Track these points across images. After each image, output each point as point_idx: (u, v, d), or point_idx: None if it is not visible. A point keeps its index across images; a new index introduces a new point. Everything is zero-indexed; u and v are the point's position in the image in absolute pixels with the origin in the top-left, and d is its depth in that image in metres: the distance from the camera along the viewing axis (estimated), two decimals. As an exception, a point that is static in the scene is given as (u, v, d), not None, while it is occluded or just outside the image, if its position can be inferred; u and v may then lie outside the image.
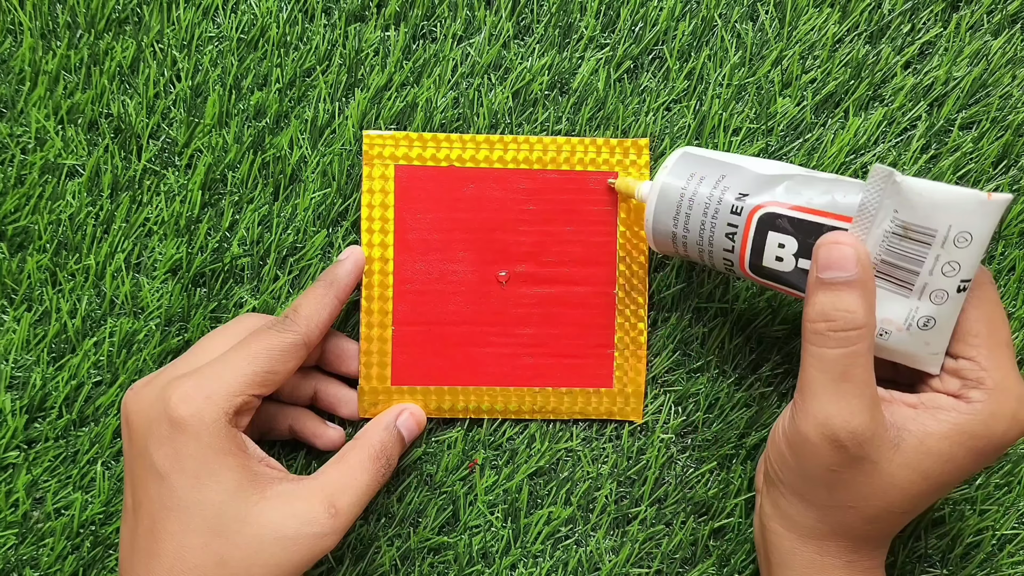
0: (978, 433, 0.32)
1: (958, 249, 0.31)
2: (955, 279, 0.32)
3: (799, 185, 0.34)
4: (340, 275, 0.40)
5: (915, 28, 0.44)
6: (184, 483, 0.34)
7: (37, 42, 0.42)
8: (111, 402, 0.42)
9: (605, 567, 0.43)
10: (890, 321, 0.33)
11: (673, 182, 0.37)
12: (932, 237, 0.31)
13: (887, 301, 0.33)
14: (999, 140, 0.44)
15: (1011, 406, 0.32)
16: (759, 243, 0.35)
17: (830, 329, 0.33)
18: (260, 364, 0.36)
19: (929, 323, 0.33)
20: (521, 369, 0.43)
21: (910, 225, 0.32)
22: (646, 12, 0.44)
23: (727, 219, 0.36)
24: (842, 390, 0.33)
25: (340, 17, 0.43)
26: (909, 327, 0.33)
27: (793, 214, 0.34)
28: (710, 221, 0.36)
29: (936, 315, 0.33)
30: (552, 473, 0.44)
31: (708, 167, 0.37)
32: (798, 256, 0.34)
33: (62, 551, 0.42)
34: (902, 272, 0.33)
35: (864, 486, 0.34)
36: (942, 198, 0.31)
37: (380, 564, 0.43)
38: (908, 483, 0.33)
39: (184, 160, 0.43)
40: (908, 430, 0.33)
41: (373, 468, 0.38)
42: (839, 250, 0.32)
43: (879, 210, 0.32)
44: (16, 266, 0.42)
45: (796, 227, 0.34)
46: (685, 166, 0.37)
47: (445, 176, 0.42)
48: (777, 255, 0.35)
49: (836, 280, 0.32)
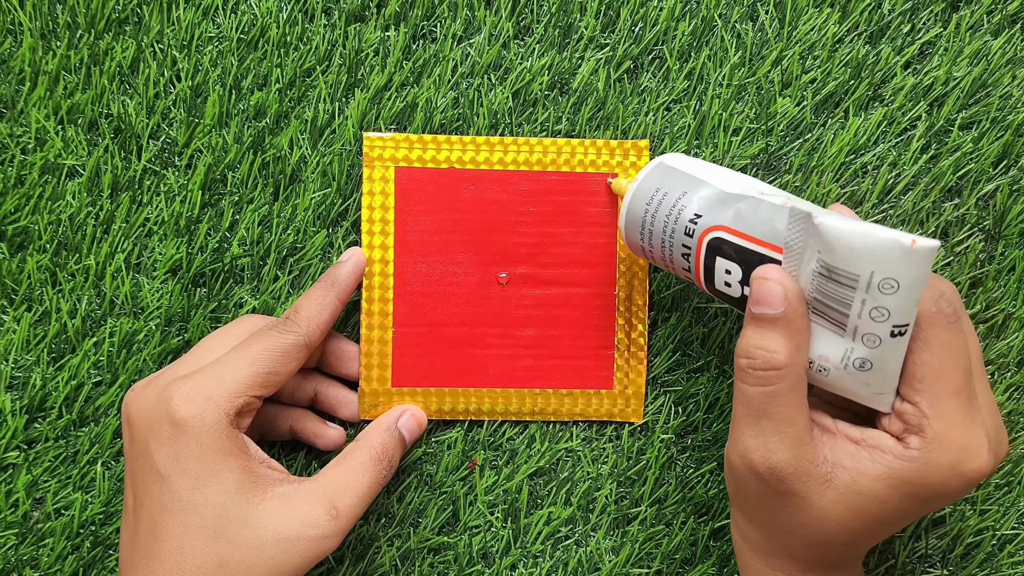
0: (913, 480, 0.31)
1: (884, 295, 0.29)
2: (886, 324, 0.30)
3: (749, 210, 0.33)
4: (341, 276, 0.40)
5: (915, 28, 0.44)
6: (185, 484, 0.34)
7: (37, 42, 0.42)
8: (111, 402, 0.42)
9: (605, 567, 0.43)
10: (827, 359, 0.32)
11: (640, 195, 0.37)
12: (856, 281, 0.30)
13: (824, 338, 0.32)
14: (999, 140, 0.44)
15: (950, 457, 0.31)
16: (709, 266, 0.35)
17: (750, 367, 0.32)
18: (261, 365, 0.36)
19: (865, 365, 0.31)
20: (521, 371, 0.43)
21: (832, 268, 0.30)
22: (646, 12, 0.43)
23: (682, 240, 0.35)
24: (761, 426, 0.32)
25: (340, 17, 0.43)
26: (846, 367, 0.32)
27: (737, 241, 0.33)
28: (668, 239, 0.36)
29: (871, 358, 0.31)
30: (552, 473, 0.44)
31: (674, 182, 0.36)
32: (743, 284, 0.34)
33: (62, 551, 0.42)
34: (834, 312, 0.31)
35: (795, 516, 0.33)
36: (860, 243, 0.29)
37: (380, 564, 0.43)
38: (842, 518, 0.32)
39: (184, 160, 0.43)
40: (843, 467, 0.32)
41: (374, 469, 0.38)
42: (767, 286, 0.32)
43: (805, 249, 0.31)
44: (16, 266, 0.42)
45: (739, 254, 0.33)
46: (653, 180, 0.37)
47: (445, 178, 0.42)
48: (726, 280, 0.34)
49: (764, 316, 0.32)
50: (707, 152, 0.43)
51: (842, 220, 0.30)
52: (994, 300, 0.44)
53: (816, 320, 0.32)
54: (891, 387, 0.32)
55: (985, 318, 0.44)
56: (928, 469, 0.31)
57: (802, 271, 0.32)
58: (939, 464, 0.31)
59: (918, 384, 0.31)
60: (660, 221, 0.36)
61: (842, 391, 0.33)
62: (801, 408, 0.32)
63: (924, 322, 0.31)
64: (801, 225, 0.31)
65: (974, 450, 0.31)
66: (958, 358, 0.31)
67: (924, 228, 0.44)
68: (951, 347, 0.31)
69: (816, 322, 0.32)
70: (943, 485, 0.31)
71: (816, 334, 0.32)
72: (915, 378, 0.31)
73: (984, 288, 0.44)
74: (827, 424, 0.33)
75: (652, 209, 0.36)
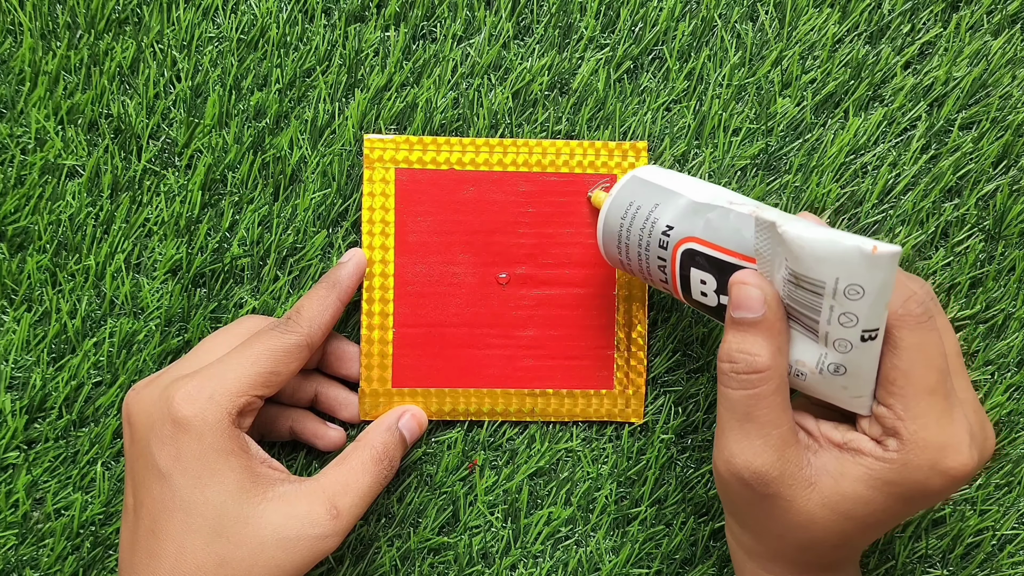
0: (895, 481, 0.31)
1: (851, 301, 0.30)
2: (855, 330, 0.30)
3: (719, 219, 0.34)
4: (342, 277, 0.40)
5: (915, 28, 0.44)
6: (186, 483, 0.34)
7: (37, 42, 0.42)
8: (111, 402, 0.42)
9: (605, 567, 0.43)
10: (803, 363, 0.33)
11: (615, 210, 0.37)
12: (822, 288, 0.30)
13: (800, 343, 0.32)
14: (999, 140, 0.44)
15: (928, 456, 0.31)
16: (685, 276, 0.35)
17: (733, 371, 0.32)
18: (263, 365, 0.36)
19: (839, 369, 0.32)
20: (521, 371, 0.43)
21: (799, 276, 0.30)
22: (646, 12, 0.43)
23: (657, 252, 0.36)
24: (746, 430, 0.32)
25: (340, 17, 0.43)
26: (821, 371, 0.32)
27: (709, 252, 0.34)
28: (644, 252, 0.36)
29: (844, 363, 0.31)
30: (552, 473, 0.44)
31: (647, 195, 0.36)
32: (719, 293, 0.34)
33: (62, 551, 0.42)
34: (806, 319, 0.32)
35: (782, 520, 0.33)
36: (823, 251, 0.29)
37: (380, 564, 0.43)
38: (829, 521, 0.32)
39: (184, 160, 0.43)
40: (827, 471, 0.32)
41: (375, 470, 0.38)
42: (746, 290, 0.32)
43: (774, 256, 0.31)
44: (16, 266, 0.42)
45: (712, 265, 0.34)
46: (627, 194, 0.37)
47: (445, 179, 0.42)
48: (702, 291, 0.35)
49: (744, 320, 0.32)
50: (707, 152, 0.43)
51: (806, 228, 0.30)
52: (994, 300, 0.44)
53: (792, 325, 0.33)
54: (868, 390, 0.32)
55: (985, 318, 0.44)
56: (908, 470, 0.31)
57: (775, 278, 0.32)
58: (918, 464, 0.31)
59: (891, 387, 0.31)
60: (635, 234, 0.36)
61: (820, 395, 0.33)
62: (785, 410, 0.32)
63: (893, 325, 0.31)
64: (767, 233, 0.31)
65: (954, 447, 0.31)
66: (931, 358, 0.31)
67: (924, 228, 0.44)
68: (921, 348, 0.31)
69: (792, 327, 0.33)
70: (924, 484, 0.31)
71: (793, 340, 0.33)
72: (888, 381, 0.31)
73: (984, 288, 0.44)
74: (810, 427, 0.34)
75: (627, 222, 0.37)
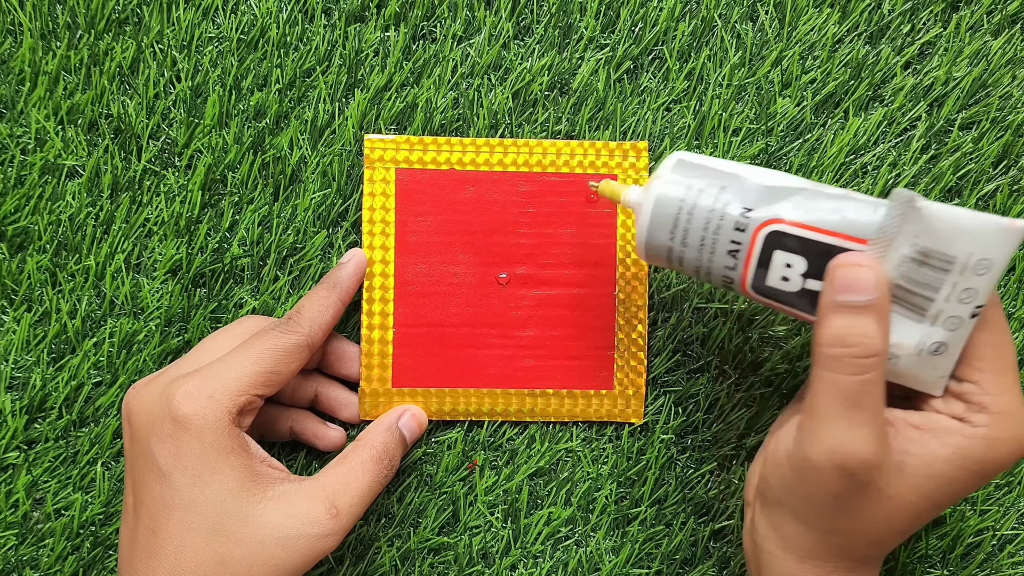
0: (980, 457, 0.32)
1: (977, 276, 0.31)
2: (970, 306, 0.31)
3: (808, 200, 0.33)
4: (343, 277, 0.40)
5: (915, 28, 0.44)
6: (186, 482, 0.34)
7: (37, 42, 0.42)
8: (111, 402, 0.42)
9: (605, 568, 0.43)
10: (901, 346, 0.32)
11: (670, 193, 0.34)
12: (952, 264, 0.31)
13: (899, 326, 0.32)
14: (999, 140, 0.44)
15: (1013, 430, 0.32)
16: (764, 261, 0.33)
17: (847, 355, 0.31)
18: (264, 364, 0.36)
19: (940, 349, 0.32)
20: (521, 371, 0.43)
21: (930, 251, 0.31)
22: (646, 12, 0.44)
23: (730, 235, 0.34)
24: (854, 417, 0.31)
25: (340, 17, 0.43)
26: (920, 352, 0.32)
27: (802, 233, 0.33)
28: (711, 237, 0.34)
29: (948, 341, 0.32)
30: (552, 474, 0.44)
31: (707, 176, 0.34)
32: (806, 277, 0.33)
33: (62, 552, 0.42)
34: (917, 298, 0.32)
35: (869, 511, 0.33)
36: (966, 225, 0.30)
37: (380, 564, 0.43)
38: (912, 505, 0.32)
39: (184, 160, 0.43)
40: (912, 453, 0.32)
41: (375, 469, 0.38)
42: (858, 272, 0.31)
43: (898, 235, 0.31)
44: (16, 266, 0.42)
45: (805, 247, 0.33)
46: (682, 175, 0.34)
47: (445, 179, 0.42)
48: (783, 275, 0.33)
49: (853, 304, 0.31)
50: (707, 152, 0.43)
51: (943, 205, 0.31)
52: (994, 300, 0.44)
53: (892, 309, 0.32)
54: (950, 369, 0.33)
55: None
56: (996, 444, 0.32)
57: (887, 259, 0.32)
58: (1005, 439, 0.32)
59: (979, 363, 0.32)
60: (701, 218, 0.34)
61: (906, 378, 0.33)
62: (884, 397, 0.32)
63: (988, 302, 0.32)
64: (901, 210, 0.31)
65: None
66: (1010, 335, 0.33)
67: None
68: (1005, 326, 0.33)
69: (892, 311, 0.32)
70: (1006, 458, 0.32)
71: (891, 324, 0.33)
72: (976, 357, 0.32)
73: (984, 288, 0.44)
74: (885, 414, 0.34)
75: (688, 206, 0.34)
